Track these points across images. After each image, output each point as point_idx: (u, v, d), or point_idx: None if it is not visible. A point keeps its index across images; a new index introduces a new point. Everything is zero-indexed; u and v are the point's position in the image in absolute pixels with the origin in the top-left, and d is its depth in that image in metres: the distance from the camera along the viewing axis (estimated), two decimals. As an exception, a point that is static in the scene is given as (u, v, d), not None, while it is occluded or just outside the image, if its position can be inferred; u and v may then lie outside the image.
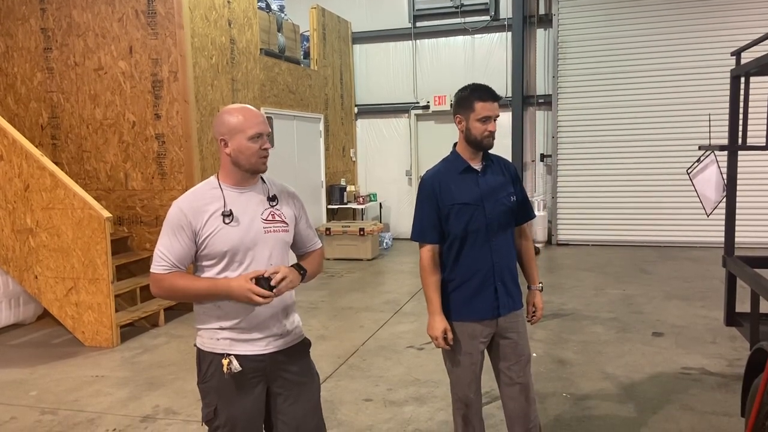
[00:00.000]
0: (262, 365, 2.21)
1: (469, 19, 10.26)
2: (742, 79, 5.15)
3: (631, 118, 9.55)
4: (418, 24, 10.56)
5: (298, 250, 2.41)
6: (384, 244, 10.04)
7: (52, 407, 4.13)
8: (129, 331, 5.73)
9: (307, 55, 9.51)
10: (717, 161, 5.25)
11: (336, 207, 9.94)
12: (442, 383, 4.19)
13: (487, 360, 2.73)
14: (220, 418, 2.19)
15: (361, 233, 9.04)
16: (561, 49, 9.83)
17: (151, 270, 2.17)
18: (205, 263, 2.18)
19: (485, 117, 2.52)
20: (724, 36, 8.91)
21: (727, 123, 5.35)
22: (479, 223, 2.58)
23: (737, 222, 5.41)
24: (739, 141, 5.23)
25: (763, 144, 5.19)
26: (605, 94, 9.65)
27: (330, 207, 9.87)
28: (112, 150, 6.47)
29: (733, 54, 5.34)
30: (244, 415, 2.20)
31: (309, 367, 2.36)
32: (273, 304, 2.17)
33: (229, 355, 2.16)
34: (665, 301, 6.37)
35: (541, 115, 10.19)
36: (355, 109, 10.96)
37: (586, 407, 3.87)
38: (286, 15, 8.79)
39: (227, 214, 2.14)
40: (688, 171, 5.40)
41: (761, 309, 4.62)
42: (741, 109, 5.15)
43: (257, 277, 2.06)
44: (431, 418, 3.79)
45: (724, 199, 5.31)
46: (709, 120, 5.70)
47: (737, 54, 5.27)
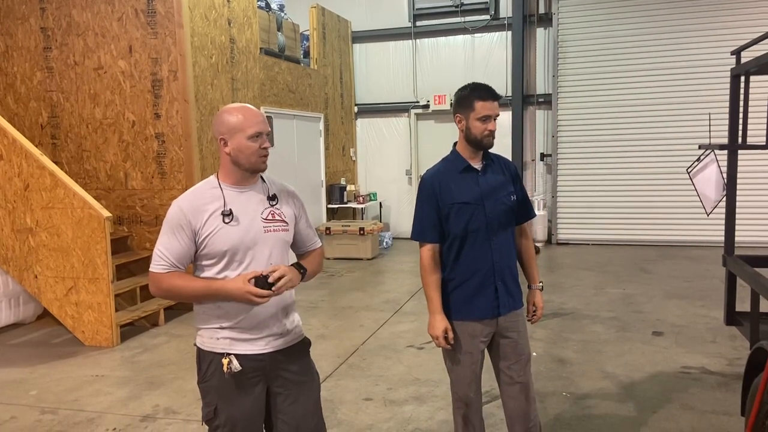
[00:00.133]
0: (262, 365, 2.21)
1: (469, 18, 10.26)
2: (742, 78, 5.15)
3: (631, 117, 9.55)
4: (418, 23, 10.56)
5: (298, 249, 2.41)
6: (384, 244, 10.04)
7: (52, 407, 4.13)
8: (129, 331, 5.73)
9: (306, 54, 9.51)
10: (717, 160, 5.25)
11: (336, 206, 9.93)
12: (442, 382, 4.19)
13: (487, 359, 2.73)
14: (220, 418, 2.19)
15: (361, 232, 9.04)
16: (561, 49, 9.83)
17: (150, 269, 2.17)
18: (205, 263, 2.17)
19: (485, 116, 2.52)
20: (723, 35, 8.91)
21: (727, 122, 5.34)
22: (479, 223, 2.58)
23: (737, 221, 5.41)
24: (739, 140, 5.23)
25: (763, 143, 5.20)
26: (605, 93, 9.64)
27: (330, 206, 9.87)
28: (112, 149, 6.46)
29: (733, 53, 5.33)
30: (244, 414, 2.20)
31: (309, 367, 2.36)
32: (273, 304, 2.17)
33: (229, 354, 2.15)
34: (665, 301, 6.37)
35: (541, 115, 10.19)
36: (355, 109, 10.95)
37: (586, 406, 3.87)
38: (285, 14, 8.79)
39: (227, 214, 2.14)
40: (688, 170, 5.40)
41: (761, 308, 4.62)
42: (741, 108, 5.14)
43: (256, 277, 2.06)
44: (431, 417, 3.79)
45: (724, 198, 5.31)
46: (709, 119, 5.70)
47: (737, 53, 5.27)
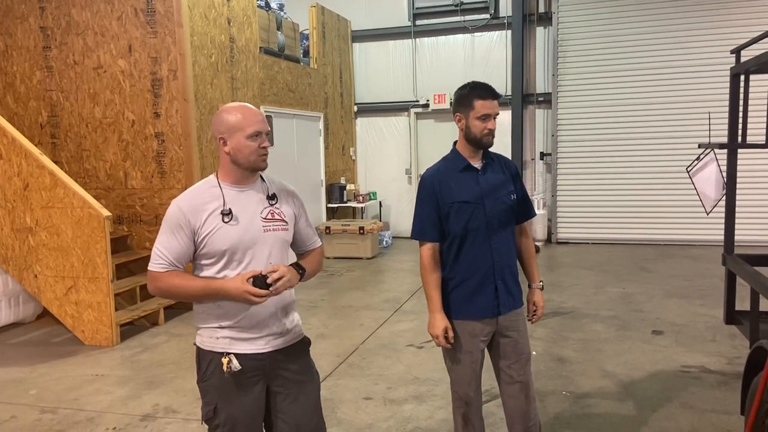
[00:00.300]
0: (262, 364, 2.21)
1: (468, 17, 10.25)
2: (742, 77, 5.15)
3: (631, 116, 9.54)
4: (418, 22, 10.55)
5: (298, 248, 2.41)
6: (384, 243, 10.04)
7: (51, 406, 4.13)
8: (129, 330, 5.73)
9: (306, 53, 9.50)
10: (717, 159, 5.25)
11: (336, 206, 9.93)
12: (442, 381, 4.19)
13: (487, 358, 2.73)
14: (220, 417, 2.19)
15: (361, 232, 9.04)
16: (561, 48, 9.82)
17: (149, 268, 2.16)
18: (204, 262, 2.17)
19: (484, 115, 2.52)
20: (723, 34, 8.91)
21: (726, 121, 5.35)
22: (479, 222, 2.57)
23: (737, 220, 5.42)
24: (739, 139, 5.23)
25: (763, 142, 5.20)
26: (605, 92, 9.64)
27: (330, 206, 9.87)
28: (112, 149, 6.46)
29: (732, 52, 5.33)
30: (244, 413, 2.20)
31: (309, 366, 2.36)
32: (272, 303, 2.17)
33: (228, 353, 2.15)
34: (665, 300, 6.37)
35: (540, 114, 10.18)
36: (355, 108, 10.95)
37: (586, 405, 3.87)
38: (285, 13, 8.78)
39: (226, 213, 2.14)
40: (688, 169, 5.40)
41: (761, 307, 4.63)
42: (741, 107, 5.15)
43: (254, 277, 2.05)
44: (431, 416, 3.79)
45: (724, 197, 5.31)
46: (708, 118, 5.71)
47: (737, 52, 5.27)
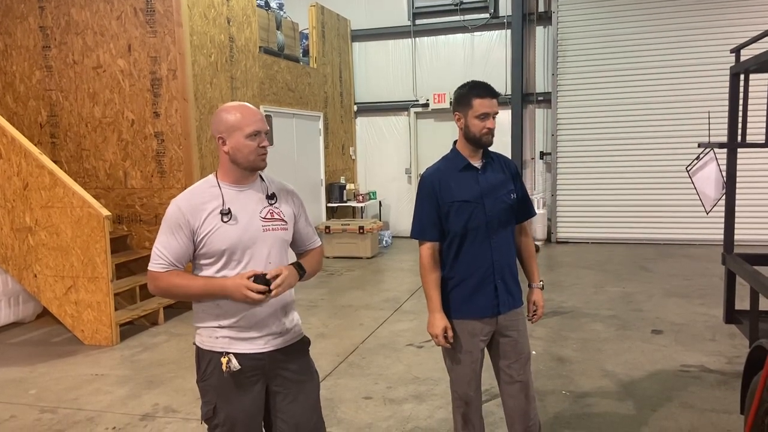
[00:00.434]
0: (262, 363, 2.21)
1: (468, 16, 10.24)
2: (742, 77, 5.14)
3: (631, 115, 9.54)
4: (418, 22, 10.54)
5: (298, 248, 2.41)
6: (383, 242, 10.04)
7: (51, 406, 4.13)
8: (128, 330, 5.73)
9: (306, 53, 9.50)
10: (716, 159, 5.25)
11: (335, 205, 9.93)
12: (442, 381, 4.19)
13: (487, 358, 2.73)
14: (220, 417, 2.19)
15: (361, 231, 9.04)
16: (560, 47, 9.82)
17: (149, 268, 2.16)
18: (204, 262, 2.17)
19: (483, 114, 2.52)
20: (723, 33, 8.90)
21: (726, 120, 5.34)
22: (479, 221, 2.57)
23: (737, 219, 5.41)
24: (739, 138, 5.23)
25: (763, 141, 5.20)
26: (605, 91, 9.64)
27: (329, 205, 9.87)
28: (111, 148, 6.46)
29: (732, 51, 5.33)
30: (244, 413, 2.20)
31: (308, 366, 2.35)
32: (272, 303, 2.17)
33: (228, 353, 2.15)
34: (665, 299, 6.37)
35: (540, 113, 10.18)
36: (355, 107, 10.94)
37: (586, 405, 3.87)
38: (285, 13, 8.78)
39: (226, 213, 2.14)
40: (688, 168, 5.40)
41: (760, 306, 4.62)
42: (740, 107, 5.15)
43: (254, 275, 2.06)
44: (431, 416, 3.79)
45: (724, 197, 5.31)
46: (708, 117, 5.71)
47: (736, 51, 5.26)
